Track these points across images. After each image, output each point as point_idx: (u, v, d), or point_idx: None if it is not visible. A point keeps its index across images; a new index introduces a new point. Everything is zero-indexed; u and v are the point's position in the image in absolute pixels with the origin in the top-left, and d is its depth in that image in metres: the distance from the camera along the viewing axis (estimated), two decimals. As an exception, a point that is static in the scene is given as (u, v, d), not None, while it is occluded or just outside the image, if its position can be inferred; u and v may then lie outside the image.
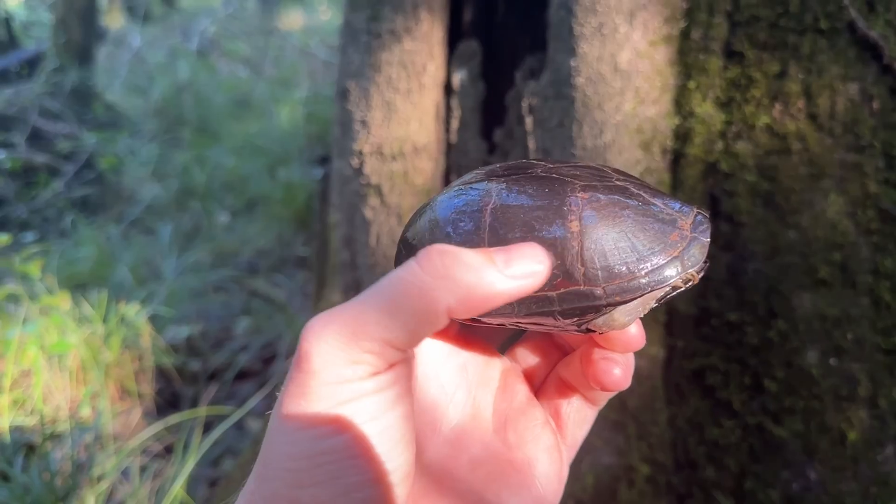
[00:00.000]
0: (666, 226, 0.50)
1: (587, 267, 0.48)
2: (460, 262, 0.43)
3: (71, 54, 4.86)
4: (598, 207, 0.49)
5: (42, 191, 3.75)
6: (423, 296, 0.43)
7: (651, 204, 0.51)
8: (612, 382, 0.53)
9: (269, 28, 7.21)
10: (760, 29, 0.99)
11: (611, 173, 0.54)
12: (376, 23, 1.19)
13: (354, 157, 1.25)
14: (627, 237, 0.49)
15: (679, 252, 0.49)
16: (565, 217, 0.48)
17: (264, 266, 2.85)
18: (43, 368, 1.88)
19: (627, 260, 0.48)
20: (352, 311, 0.44)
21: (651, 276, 0.48)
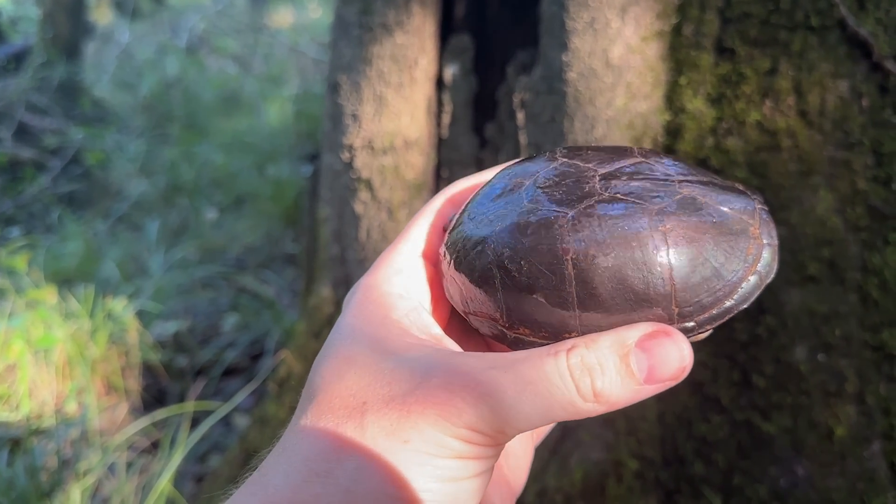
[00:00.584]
0: (742, 239, 0.49)
1: (681, 307, 0.47)
2: (608, 382, 0.44)
3: (58, 49, 4.83)
4: (682, 242, 0.48)
5: (28, 186, 3.72)
6: (572, 410, 0.44)
7: (724, 215, 0.50)
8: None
9: (258, 25, 7.19)
10: (751, 25, 1.00)
11: (668, 173, 0.52)
12: (368, 16, 1.19)
13: (345, 151, 1.25)
14: (713, 266, 0.48)
15: (756, 266, 0.49)
16: (654, 264, 0.47)
17: (253, 263, 2.84)
18: (28, 363, 1.87)
19: (715, 289, 0.48)
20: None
21: (737, 299, 0.49)
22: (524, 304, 0.49)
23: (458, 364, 0.44)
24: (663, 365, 0.45)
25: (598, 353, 0.44)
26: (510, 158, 1.13)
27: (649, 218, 0.48)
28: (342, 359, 0.47)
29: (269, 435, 1.40)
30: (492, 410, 0.42)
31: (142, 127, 4.43)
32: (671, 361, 0.45)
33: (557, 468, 1.10)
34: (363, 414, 0.44)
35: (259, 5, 8.14)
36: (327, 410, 0.45)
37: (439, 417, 0.42)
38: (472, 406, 0.42)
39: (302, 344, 1.42)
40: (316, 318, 1.41)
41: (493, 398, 0.42)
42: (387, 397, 0.44)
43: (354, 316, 0.50)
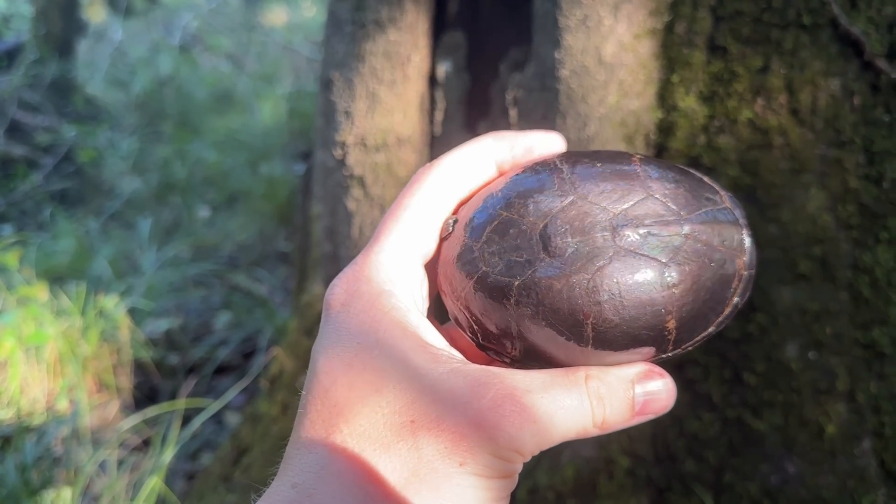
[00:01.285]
0: (730, 276, 0.53)
1: (676, 335, 0.51)
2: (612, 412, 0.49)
3: (51, 46, 4.82)
4: (689, 301, 0.51)
5: (20, 183, 3.71)
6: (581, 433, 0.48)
7: (723, 257, 0.53)
8: None
9: (252, 24, 7.18)
10: (744, 24, 1.00)
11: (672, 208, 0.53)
12: (361, 13, 1.19)
13: (338, 148, 1.25)
14: (704, 312, 0.52)
15: (736, 296, 0.54)
16: (661, 320, 0.50)
17: (245, 260, 2.83)
18: (19, 360, 1.86)
19: (708, 312, 0.52)
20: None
21: (725, 318, 0.54)
22: (539, 355, 0.52)
23: (502, 384, 0.46)
24: (655, 401, 0.51)
25: (608, 387, 0.49)
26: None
27: (660, 278, 0.50)
28: (373, 371, 0.46)
29: (260, 432, 1.40)
30: (534, 434, 0.45)
31: (135, 125, 4.42)
32: (661, 399, 0.52)
33: (548, 466, 1.10)
34: (415, 434, 0.44)
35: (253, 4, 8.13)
36: (370, 426, 0.45)
37: (490, 440, 0.44)
38: (520, 430, 0.44)
39: (294, 341, 1.41)
40: (308, 316, 1.40)
41: (537, 423, 0.45)
42: (437, 417, 0.44)
43: (368, 325, 0.49)
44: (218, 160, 3.75)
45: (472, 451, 0.43)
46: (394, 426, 0.44)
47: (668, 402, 0.52)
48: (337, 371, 0.47)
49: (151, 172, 3.74)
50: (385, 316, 0.49)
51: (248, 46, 6.35)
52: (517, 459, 0.45)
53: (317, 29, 6.20)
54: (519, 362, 0.52)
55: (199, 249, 2.90)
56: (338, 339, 0.49)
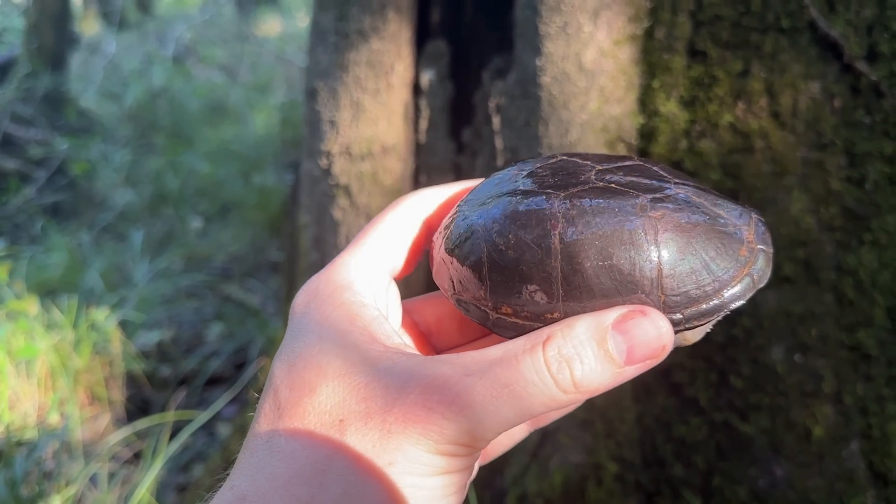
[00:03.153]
0: (735, 241, 0.49)
1: (667, 295, 0.47)
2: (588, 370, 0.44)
3: (44, 60, 4.82)
4: (671, 229, 0.48)
5: (13, 197, 3.71)
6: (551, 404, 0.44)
7: (717, 216, 0.50)
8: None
9: (245, 34, 7.19)
10: (723, 28, 1.00)
11: (664, 175, 0.53)
12: (344, 22, 1.19)
13: (323, 158, 1.25)
14: (703, 260, 0.48)
15: (749, 269, 0.49)
16: (641, 244, 0.47)
17: (238, 271, 2.83)
18: (9, 374, 1.85)
19: (704, 283, 0.48)
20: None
21: (727, 298, 0.48)
22: (508, 280, 0.49)
23: (433, 375, 0.43)
24: (642, 345, 0.45)
25: (574, 342, 0.44)
26: (487, 163, 1.14)
27: (641, 205, 0.48)
28: (313, 369, 0.46)
29: (250, 443, 1.40)
30: (471, 421, 0.42)
31: (127, 137, 4.42)
32: (649, 340, 0.45)
33: (537, 472, 1.09)
34: (343, 433, 0.43)
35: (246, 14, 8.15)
36: (302, 427, 0.44)
37: (421, 436, 0.42)
38: (453, 421, 0.42)
39: (283, 351, 1.41)
40: (297, 326, 1.40)
41: (471, 409, 0.42)
42: (364, 414, 0.43)
43: (317, 321, 0.49)
44: (210, 171, 3.75)
45: (402, 449, 0.42)
46: (324, 426, 0.43)
47: (659, 342, 0.45)
48: (283, 373, 0.47)
49: (144, 184, 3.74)
50: (337, 309, 0.49)
51: (242, 57, 6.36)
52: (460, 451, 0.43)
53: (309, 39, 6.20)
54: (492, 312, 0.50)
55: (191, 260, 2.90)
56: (291, 340, 0.49)
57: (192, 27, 7.06)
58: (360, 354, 0.46)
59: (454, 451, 0.43)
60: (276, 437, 0.44)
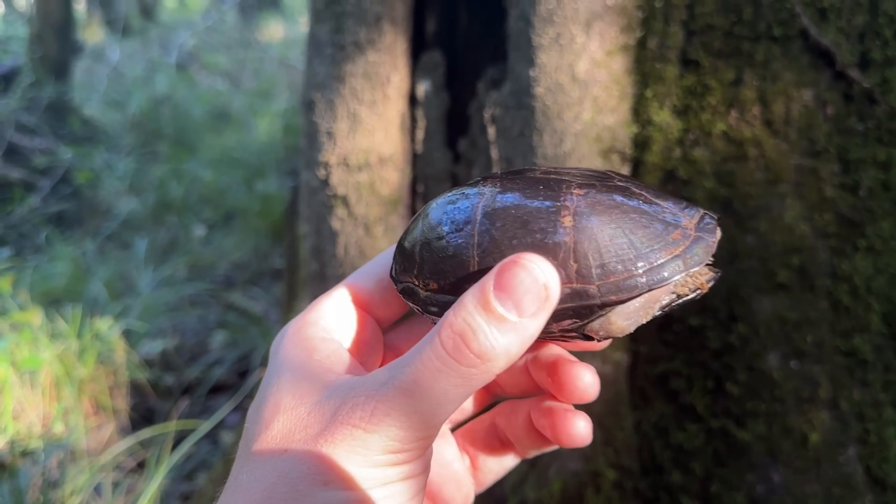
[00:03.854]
0: (668, 225, 0.47)
1: (580, 264, 0.45)
2: (484, 339, 0.43)
3: (47, 69, 4.84)
4: (594, 203, 0.47)
5: (17, 206, 3.72)
6: (469, 383, 0.44)
7: (654, 203, 0.48)
8: (576, 437, 0.52)
9: (248, 40, 7.21)
10: (715, 37, 1.01)
11: (613, 175, 0.52)
12: (340, 35, 1.20)
13: (321, 169, 1.26)
14: (625, 234, 0.46)
15: (681, 251, 0.46)
16: (559, 213, 0.46)
17: (241, 279, 2.84)
18: (14, 385, 1.87)
19: (624, 257, 0.46)
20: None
21: (649, 275, 0.46)
22: (435, 256, 0.49)
23: (355, 392, 0.45)
24: (527, 293, 0.43)
25: (465, 315, 0.43)
26: (483, 172, 1.14)
27: (568, 186, 0.48)
28: (270, 406, 0.48)
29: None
30: (394, 428, 0.43)
31: (131, 145, 4.44)
32: (531, 286, 0.43)
33: (536, 480, 1.10)
34: (285, 462, 0.44)
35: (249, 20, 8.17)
36: (257, 461, 0.46)
37: (350, 453, 0.43)
38: (375, 433, 0.43)
39: (284, 361, 1.42)
40: (297, 335, 1.41)
41: (390, 417, 0.43)
42: (303, 441, 0.45)
43: (281, 362, 0.51)
44: (214, 178, 3.76)
45: (334, 468, 0.43)
46: (273, 456, 0.45)
47: (541, 283, 0.43)
48: (251, 412, 0.50)
49: (148, 192, 3.76)
50: (298, 346, 0.51)
51: (245, 63, 6.38)
52: (396, 460, 0.44)
53: (311, 44, 6.21)
54: (422, 291, 0.50)
55: (195, 268, 2.91)
56: (263, 381, 0.52)
57: (195, 34, 7.09)
58: (311, 386, 0.48)
59: (387, 461, 0.44)
60: (240, 473, 0.47)
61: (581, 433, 0.52)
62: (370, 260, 0.58)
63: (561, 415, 0.52)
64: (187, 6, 11.24)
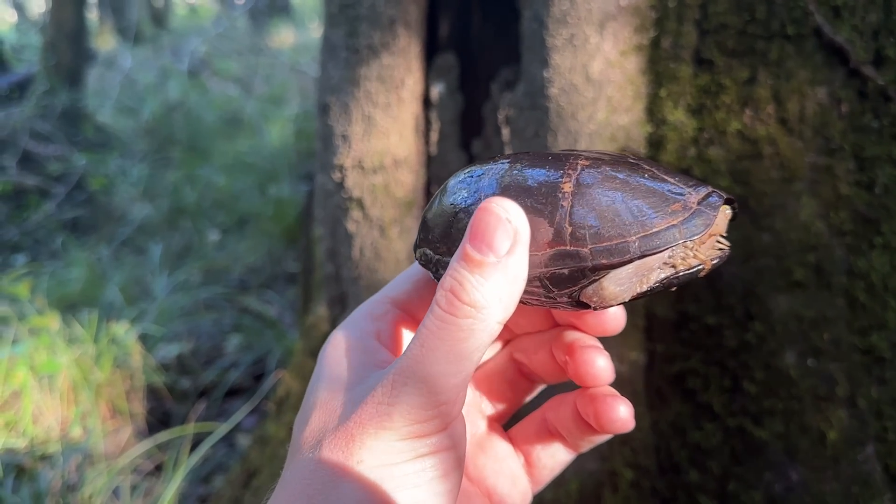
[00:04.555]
0: (669, 197, 0.47)
1: (574, 227, 0.46)
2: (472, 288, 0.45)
3: (61, 76, 4.88)
4: (597, 173, 0.47)
5: (33, 213, 3.75)
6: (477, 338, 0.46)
7: (660, 178, 0.49)
8: (617, 422, 0.53)
9: (259, 46, 7.24)
10: (729, 36, 1.01)
11: (627, 155, 0.53)
12: (354, 38, 1.20)
13: (336, 171, 1.27)
14: (623, 201, 0.47)
15: (678, 221, 0.46)
16: (561, 180, 0.47)
17: (255, 283, 2.86)
18: (33, 389, 1.88)
19: (619, 223, 0.46)
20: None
21: (642, 242, 0.46)
22: (445, 219, 0.52)
23: (379, 376, 0.48)
24: (494, 233, 0.45)
25: (451, 272, 0.46)
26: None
27: (577, 157, 0.49)
28: (310, 405, 0.51)
29: (269, 455, 1.41)
30: (415, 394, 0.45)
31: (144, 151, 4.46)
32: (496, 225, 0.45)
33: (553, 481, 1.10)
34: (321, 451, 0.47)
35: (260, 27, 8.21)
36: (299, 458, 0.48)
37: (379, 429, 0.45)
38: (397, 404, 0.45)
39: (300, 363, 1.43)
40: (313, 337, 1.42)
41: (407, 386, 0.45)
42: (336, 430, 0.47)
43: (321, 365, 0.54)
44: (227, 183, 3.78)
45: (366, 445, 0.45)
46: (311, 450, 0.48)
47: (504, 218, 0.45)
48: (298, 416, 0.53)
49: (162, 198, 3.78)
50: (336, 348, 0.54)
51: (256, 69, 6.41)
52: (424, 430, 0.45)
53: (322, 49, 6.23)
54: (434, 255, 0.53)
55: (209, 273, 2.93)
56: (309, 384, 0.54)
57: (206, 40, 7.13)
58: (345, 381, 0.50)
59: (414, 432, 0.45)
60: (286, 471, 0.49)
61: (623, 418, 0.53)
62: (385, 261, 0.60)
63: (602, 401, 0.53)
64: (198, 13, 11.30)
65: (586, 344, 0.54)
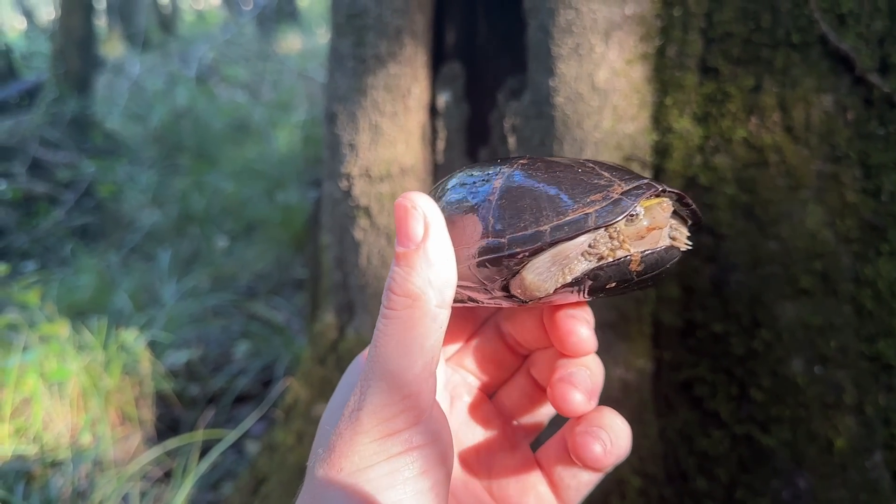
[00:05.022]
0: (593, 189, 0.48)
1: (495, 218, 0.48)
2: (398, 279, 0.48)
3: (70, 84, 4.91)
4: (527, 169, 0.49)
5: (42, 220, 3.78)
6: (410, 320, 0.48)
7: (597, 174, 0.49)
8: (592, 459, 0.52)
9: (267, 52, 7.27)
10: (734, 45, 1.01)
11: (587, 161, 0.53)
12: (361, 48, 1.21)
13: (343, 180, 1.27)
14: (544, 192, 0.48)
15: (593, 210, 0.47)
16: (495, 177, 0.50)
17: (263, 289, 2.86)
18: (43, 396, 1.89)
19: (536, 212, 0.47)
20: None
21: (553, 229, 0.47)
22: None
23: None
24: (407, 223, 0.48)
25: (389, 273, 0.49)
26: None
27: (520, 159, 0.51)
28: (322, 433, 0.53)
29: (277, 462, 1.42)
30: (378, 392, 0.47)
31: (153, 158, 4.49)
32: (406, 214, 0.48)
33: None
34: (314, 469, 0.49)
35: (267, 33, 8.24)
36: (307, 476, 0.50)
37: (353, 434, 0.47)
38: (364, 406, 0.47)
39: (307, 370, 1.43)
40: (320, 344, 1.42)
41: (371, 387, 0.47)
42: (325, 445, 0.49)
43: (340, 385, 0.57)
44: (235, 190, 3.80)
45: (345, 454, 0.47)
46: (311, 469, 0.50)
47: (410, 206, 0.48)
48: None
49: (170, 204, 3.80)
50: (354, 368, 0.57)
51: (264, 75, 6.43)
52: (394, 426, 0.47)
53: (329, 55, 6.25)
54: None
55: (218, 279, 2.94)
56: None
57: (214, 47, 7.16)
58: (343, 402, 0.51)
59: (383, 431, 0.47)
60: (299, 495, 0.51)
61: (595, 456, 0.53)
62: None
63: (579, 435, 0.53)
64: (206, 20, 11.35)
65: (571, 314, 0.54)
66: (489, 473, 0.58)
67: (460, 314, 0.62)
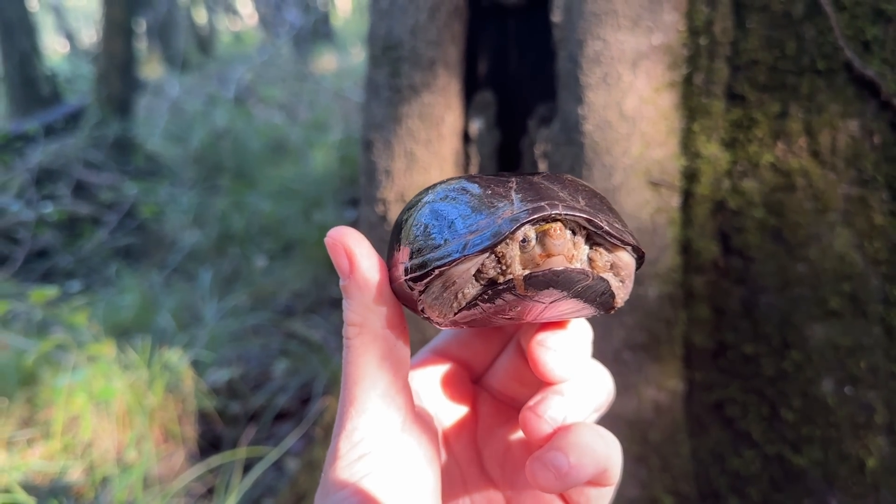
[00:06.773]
0: (490, 214, 0.46)
1: (402, 242, 0.49)
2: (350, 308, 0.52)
3: (112, 107, 5.04)
4: (448, 190, 0.49)
5: (87, 241, 3.87)
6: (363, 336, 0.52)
7: (499, 195, 0.47)
8: (543, 485, 0.49)
9: (303, 73, 7.36)
10: (760, 72, 1.03)
11: (540, 172, 0.53)
12: (396, 79, 1.25)
13: (380, 205, 1.31)
14: (445, 217, 0.47)
15: (470, 237, 0.45)
16: (426, 192, 0.51)
17: (301, 308, 2.91)
18: (90, 414, 1.95)
19: (433, 240, 0.47)
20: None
21: (440, 254, 0.46)
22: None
23: None
24: (336, 261, 0.52)
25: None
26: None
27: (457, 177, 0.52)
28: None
29: (316, 479, 1.45)
30: (348, 418, 0.51)
31: (193, 179, 4.57)
32: (333, 252, 0.51)
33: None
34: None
35: (303, 53, 8.36)
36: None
37: (332, 460, 0.50)
38: (341, 431, 0.51)
39: (346, 390, 1.47)
40: (359, 365, 1.45)
41: (346, 412, 0.51)
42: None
43: None
44: (273, 210, 3.86)
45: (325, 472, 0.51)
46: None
47: (337, 241, 0.51)
48: None
49: (211, 225, 3.87)
50: None
51: (300, 95, 6.52)
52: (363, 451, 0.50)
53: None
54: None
55: (257, 298, 2.99)
56: None
57: (251, 67, 7.26)
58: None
59: (356, 454, 0.50)
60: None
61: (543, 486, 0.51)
62: None
63: (531, 461, 0.51)
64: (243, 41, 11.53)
65: (540, 340, 0.52)
66: (513, 486, 0.60)
67: (482, 334, 0.63)
